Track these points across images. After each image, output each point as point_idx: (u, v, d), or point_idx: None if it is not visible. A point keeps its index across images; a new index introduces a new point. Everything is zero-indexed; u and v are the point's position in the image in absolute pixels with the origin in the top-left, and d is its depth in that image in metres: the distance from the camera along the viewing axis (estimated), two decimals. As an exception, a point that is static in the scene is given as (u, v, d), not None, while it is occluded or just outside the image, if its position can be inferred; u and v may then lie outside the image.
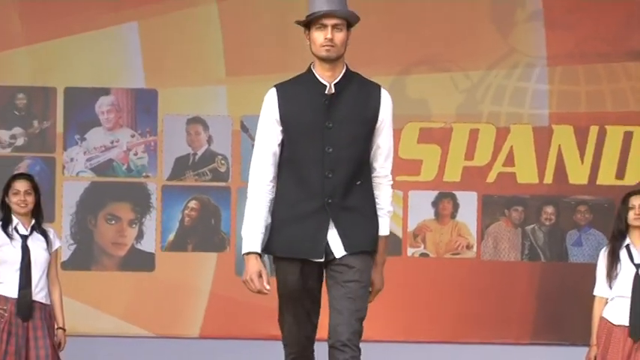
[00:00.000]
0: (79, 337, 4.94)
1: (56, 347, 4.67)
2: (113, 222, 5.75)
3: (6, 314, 4.53)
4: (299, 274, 2.98)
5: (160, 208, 5.83)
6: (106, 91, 6.06)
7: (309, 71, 3.02)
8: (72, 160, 5.74)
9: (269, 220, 3.01)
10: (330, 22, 2.88)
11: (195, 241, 5.78)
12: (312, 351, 3.09)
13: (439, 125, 5.97)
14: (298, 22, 2.98)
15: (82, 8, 6.07)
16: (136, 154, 5.90)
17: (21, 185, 4.80)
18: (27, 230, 4.73)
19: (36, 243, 4.69)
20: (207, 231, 5.62)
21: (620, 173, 5.89)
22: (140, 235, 5.82)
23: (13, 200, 4.69)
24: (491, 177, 5.99)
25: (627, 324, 4.69)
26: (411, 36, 6.20)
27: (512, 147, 5.95)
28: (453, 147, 5.97)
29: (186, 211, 5.85)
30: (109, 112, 6.02)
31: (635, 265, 4.72)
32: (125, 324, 5.74)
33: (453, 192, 6.03)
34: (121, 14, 6.11)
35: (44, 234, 4.77)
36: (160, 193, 5.93)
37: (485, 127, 6.00)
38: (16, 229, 4.70)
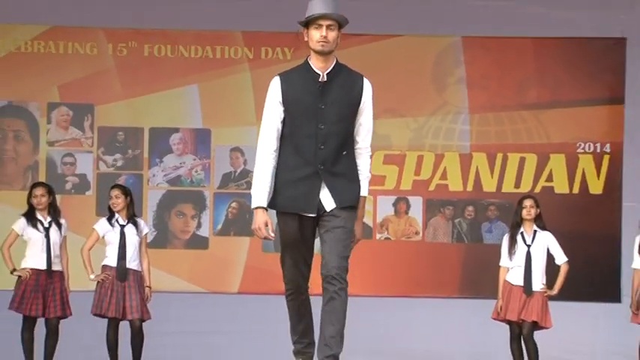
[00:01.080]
0: (159, 293, 6.13)
1: (145, 299, 5.87)
2: (181, 217, 7.12)
3: (109, 277, 5.78)
4: (297, 226, 3.31)
5: (212, 207, 7.14)
6: (176, 130, 7.40)
7: (306, 63, 3.36)
8: (154, 175, 7.16)
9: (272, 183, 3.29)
10: (325, 22, 3.21)
11: (235, 229, 7.06)
12: (307, 288, 3.44)
13: (397, 152, 7.32)
14: (300, 22, 3.32)
15: (160, 74, 7.43)
16: (196, 172, 7.26)
17: (116, 192, 6.11)
18: (124, 221, 5.89)
19: (130, 230, 5.85)
20: (243, 222, 6.81)
21: (517, 184, 7.29)
22: (199, 225, 7.10)
23: (111, 202, 5.97)
24: (432, 187, 7.38)
25: (522, 284, 5.98)
26: (379, 93, 6.91)
27: (445, 167, 7.36)
28: (406, 167, 7.36)
29: (229, 209, 7.23)
30: (178, 143, 7.40)
31: (526, 245, 5.97)
32: (188, 284, 7.05)
33: (407, 197, 7.41)
34: (186, 79, 7.45)
35: (135, 223, 5.94)
36: (212, 198, 7.25)
37: (427, 154, 7.37)
38: (117, 220, 5.91)
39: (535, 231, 6.21)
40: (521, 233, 6.11)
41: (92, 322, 6.07)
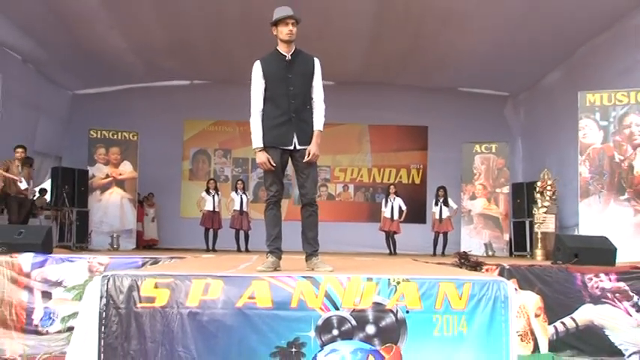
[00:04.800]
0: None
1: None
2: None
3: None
4: (279, 156, 4.04)
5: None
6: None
7: (275, 50, 4.11)
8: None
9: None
10: (290, 20, 3.95)
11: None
12: (280, 205, 4.23)
13: (345, 167, 14.27)
14: (270, 23, 4.02)
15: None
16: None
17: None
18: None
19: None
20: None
21: (389, 180, 14.09)
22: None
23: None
24: (357, 179, 14.31)
25: (389, 216, 13.19)
26: (333, 149, 13.79)
27: (361, 172, 14.41)
28: (347, 173, 14.44)
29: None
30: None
31: (391, 202, 12.35)
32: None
33: (348, 184, 14.48)
34: None
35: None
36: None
37: (356, 168, 14.42)
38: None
39: (395, 197, 12.14)
40: (387, 197, 12.24)
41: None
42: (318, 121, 4.16)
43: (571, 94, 9.65)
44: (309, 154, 4.06)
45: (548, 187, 10.21)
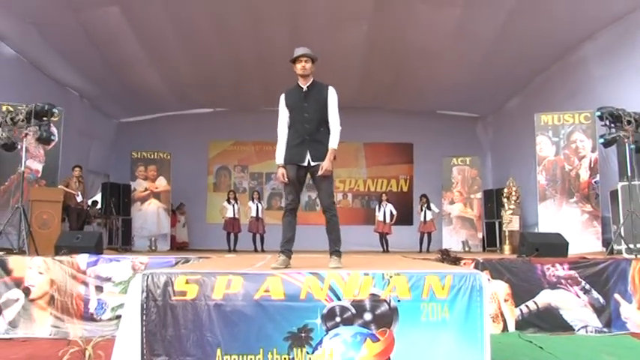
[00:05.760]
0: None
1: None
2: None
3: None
4: (295, 172, 3.99)
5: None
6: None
7: (296, 83, 4.08)
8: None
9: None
10: (303, 58, 3.95)
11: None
12: (295, 213, 4.06)
13: (345, 178, 14.12)
14: (290, 60, 3.98)
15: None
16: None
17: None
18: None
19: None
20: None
21: (381, 188, 14.02)
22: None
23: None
24: (355, 189, 14.27)
25: (382, 219, 12.95)
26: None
27: (358, 183, 14.43)
28: (346, 183, 14.27)
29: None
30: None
31: (383, 207, 12.04)
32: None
33: (347, 193, 14.32)
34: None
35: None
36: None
37: (354, 179, 14.29)
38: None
39: (386, 204, 12.03)
40: (380, 203, 12.15)
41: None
42: (333, 140, 4.07)
43: (529, 115, 9.78)
44: (322, 168, 4.00)
45: (513, 193, 10.21)
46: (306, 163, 4.03)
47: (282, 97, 4.15)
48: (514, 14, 8.69)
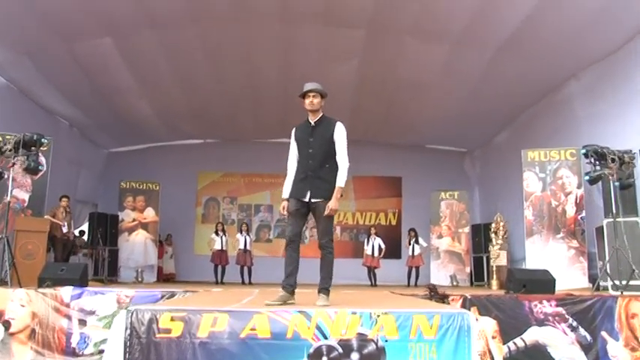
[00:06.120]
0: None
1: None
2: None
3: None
4: (296, 205, 3.99)
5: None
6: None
7: (306, 117, 4.07)
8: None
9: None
10: (311, 94, 3.92)
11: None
12: (299, 243, 4.03)
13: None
14: (299, 95, 3.94)
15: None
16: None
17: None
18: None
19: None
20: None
21: (370, 222, 14.01)
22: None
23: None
24: (343, 222, 14.23)
25: (370, 254, 12.43)
26: None
27: (347, 216, 14.41)
28: (337, 217, 14.33)
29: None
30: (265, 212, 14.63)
31: (372, 240, 11.92)
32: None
33: (336, 226, 14.52)
34: (263, 187, 13.87)
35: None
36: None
37: (343, 212, 14.11)
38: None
39: (375, 237, 12.00)
40: (369, 237, 12.11)
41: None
42: (340, 178, 4.01)
43: (516, 151, 9.89)
44: (328, 207, 3.95)
45: (501, 228, 10.29)
46: (307, 199, 4.01)
47: (293, 131, 4.16)
48: (500, 53, 8.90)
